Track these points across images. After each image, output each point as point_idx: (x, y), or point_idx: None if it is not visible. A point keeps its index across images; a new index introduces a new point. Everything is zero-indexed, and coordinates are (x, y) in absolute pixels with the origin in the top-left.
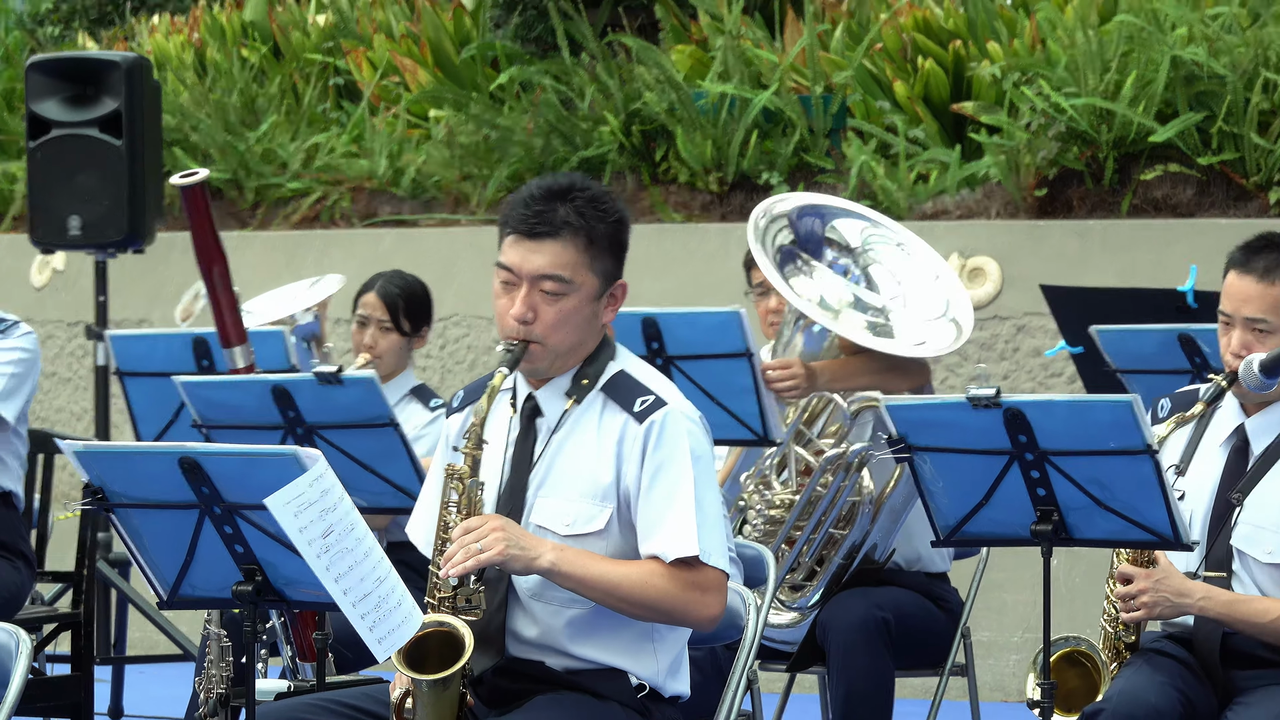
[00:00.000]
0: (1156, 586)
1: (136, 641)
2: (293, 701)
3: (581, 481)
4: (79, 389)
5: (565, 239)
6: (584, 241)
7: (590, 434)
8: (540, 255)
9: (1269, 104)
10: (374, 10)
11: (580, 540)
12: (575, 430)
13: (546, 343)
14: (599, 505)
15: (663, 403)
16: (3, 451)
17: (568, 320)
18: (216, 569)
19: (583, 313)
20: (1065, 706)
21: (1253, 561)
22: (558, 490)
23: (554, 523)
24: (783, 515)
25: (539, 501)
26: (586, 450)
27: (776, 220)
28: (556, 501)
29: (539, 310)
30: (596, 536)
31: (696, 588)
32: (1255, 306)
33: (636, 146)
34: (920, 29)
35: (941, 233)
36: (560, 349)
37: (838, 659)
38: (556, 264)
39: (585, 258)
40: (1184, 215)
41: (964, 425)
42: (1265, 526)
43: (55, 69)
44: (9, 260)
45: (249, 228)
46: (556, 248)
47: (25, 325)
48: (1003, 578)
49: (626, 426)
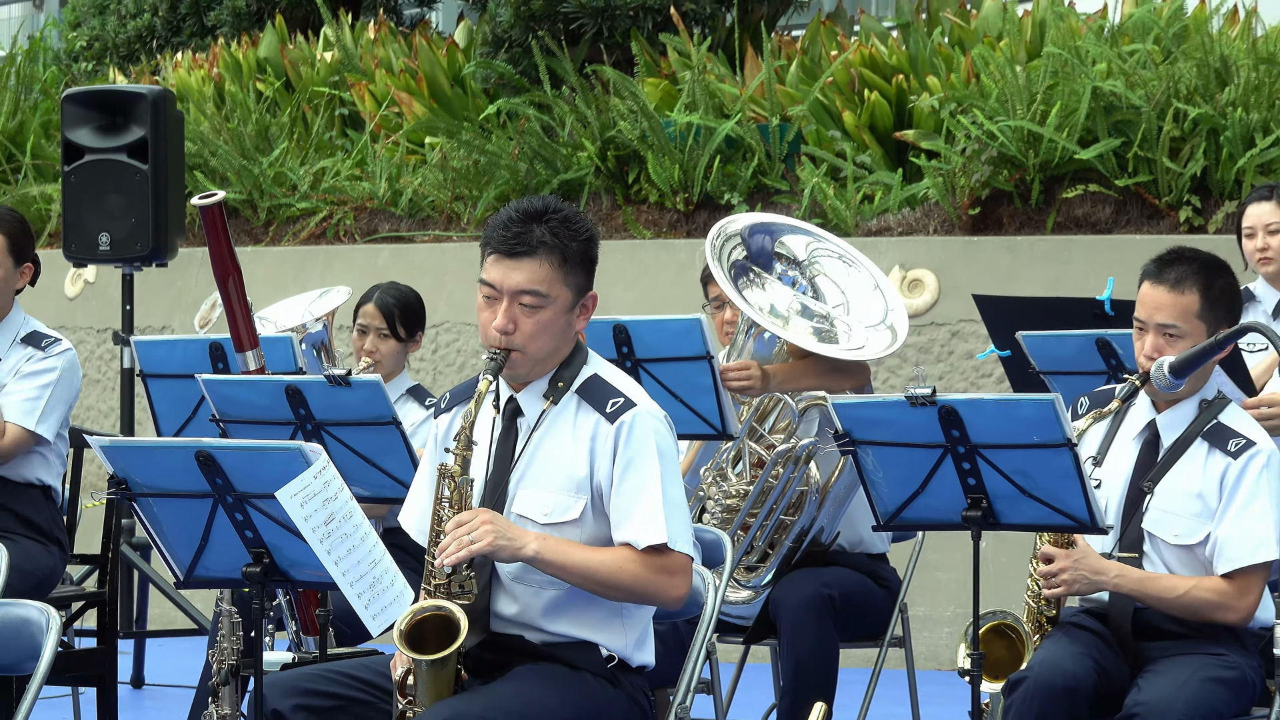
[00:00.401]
0: (1075, 566)
1: (156, 617)
2: (297, 671)
3: (558, 475)
4: (107, 389)
5: (541, 257)
6: (558, 259)
7: (566, 432)
8: (519, 272)
9: (1179, 131)
10: (375, 48)
11: (557, 528)
12: (552, 429)
13: (526, 351)
14: (574, 496)
15: (632, 404)
16: (47, 452)
17: (545, 330)
18: (228, 552)
19: (558, 323)
20: (992, 674)
21: (1162, 543)
22: (537, 483)
23: (533, 512)
24: (738, 503)
25: (520, 493)
26: (563, 447)
27: (730, 238)
28: (535, 493)
29: (519, 322)
30: (572, 525)
31: (664, 571)
32: (1166, 314)
33: (611, 170)
34: (867, 65)
35: (885, 247)
36: (539, 356)
37: (788, 632)
38: (534, 280)
39: (560, 274)
40: (1103, 232)
41: (902, 422)
42: (1173, 511)
43: (88, 101)
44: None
45: (262, 243)
46: (533, 265)
47: (65, 342)
48: (936, 558)
49: (599, 426)
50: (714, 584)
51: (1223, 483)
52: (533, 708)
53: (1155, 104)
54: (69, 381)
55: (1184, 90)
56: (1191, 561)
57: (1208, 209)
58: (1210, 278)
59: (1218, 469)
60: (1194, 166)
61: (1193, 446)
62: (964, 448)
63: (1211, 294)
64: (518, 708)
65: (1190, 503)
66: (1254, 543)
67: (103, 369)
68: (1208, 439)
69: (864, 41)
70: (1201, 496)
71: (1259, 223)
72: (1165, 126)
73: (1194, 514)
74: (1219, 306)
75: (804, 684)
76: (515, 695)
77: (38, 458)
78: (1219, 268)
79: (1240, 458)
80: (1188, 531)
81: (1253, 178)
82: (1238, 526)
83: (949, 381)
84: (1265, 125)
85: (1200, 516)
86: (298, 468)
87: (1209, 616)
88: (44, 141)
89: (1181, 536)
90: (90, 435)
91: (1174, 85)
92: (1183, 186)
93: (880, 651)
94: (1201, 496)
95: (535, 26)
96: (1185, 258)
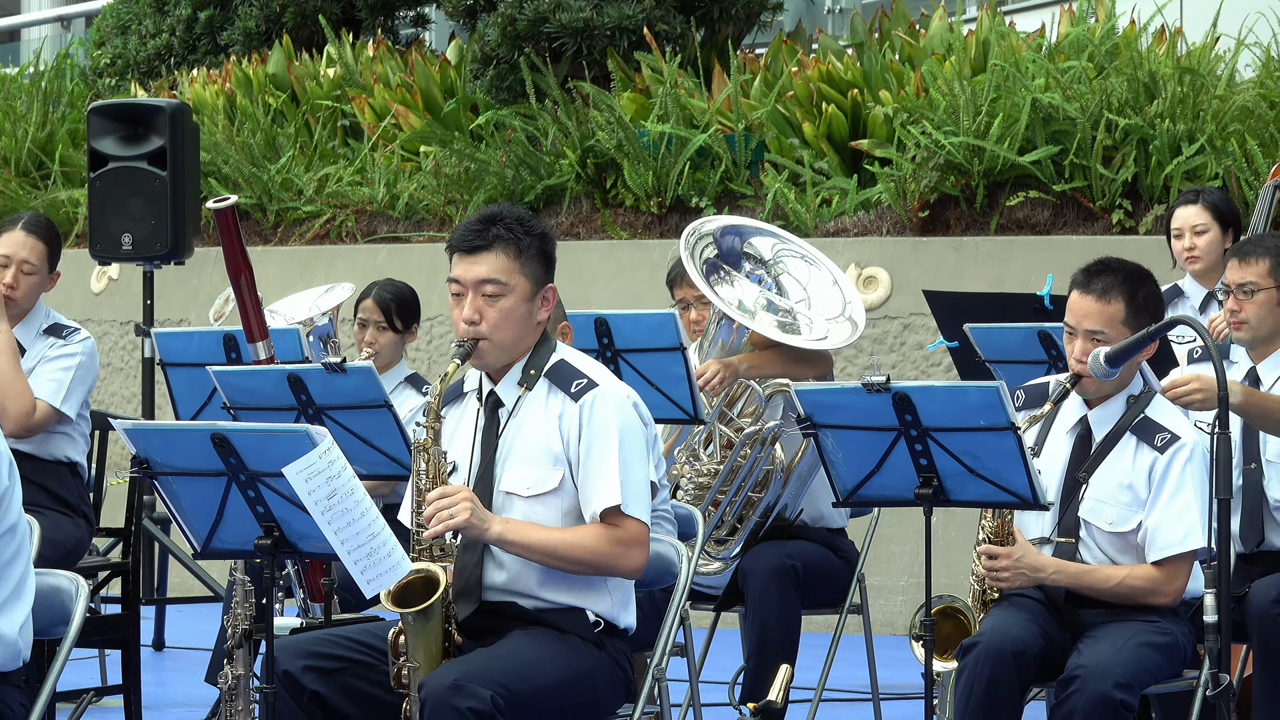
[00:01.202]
0: (1016, 565)
1: (175, 585)
2: (305, 635)
3: (537, 452)
4: (130, 377)
5: (498, 250)
6: (514, 251)
7: (539, 413)
8: (479, 266)
9: (1111, 140)
10: (374, 64)
11: (541, 499)
12: (528, 412)
13: (493, 338)
14: (552, 469)
15: (594, 384)
16: (72, 431)
17: (507, 318)
18: (241, 526)
19: (519, 311)
20: (941, 651)
21: (1096, 530)
22: (519, 462)
23: (518, 487)
24: (709, 481)
25: (505, 473)
26: (538, 426)
27: (704, 238)
28: (518, 471)
29: (484, 312)
30: (553, 494)
31: (620, 544)
32: (1094, 321)
33: (591, 176)
34: (824, 79)
35: (841, 247)
36: (504, 343)
37: (754, 600)
38: (493, 270)
39: (516, 264)
40: (1042, 233)
41: (859, 407)
42: (1106, 501)
43: (111, 113)
44: (73, 271)
45: (270, 243)
46: (491, 257)
47: (84, 331)
48: (891, 532)
49: (565, 405)
50: (687, 556)
51: (1151, 475)
52: (528, 668)
53: (1089, 115)
54: (89, 365)
55: (1115, 103)
56: (1125, 547)
57: (1138, 212)
58: (1134, 287)
59: (1146, 462)
60: (1125, 173)
61: (1122, 440)
62: (916, 431)
63: (1136, 303)
64: (514, 668)
65: (1121, 493)
66: (1182, 532)
67: (125, 358)
68: (1136, 433)
69: (822, 58)
70: (1131, 488)
71: (1186, 224)
72: (1099, 136)
73: (1125, 503)
74: (1143, 314)
75: (769, 648)
76: (511, 657)
77: (64, 437)
78: (1142, 277)
79: (1166, 452)
80: (1120, 519)
81: (1179, 183)
82: (1166, 516)
83: (901, 370)
84: (1190, 135)
85: (1131, 506)
86: (304, 448)
87: (1142, 601)
88: (71, 150)
89: (1115, 524)
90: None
91: (1106, 98)
92: (1115, 191)
93: (840, 618)
94: (1131, 488)
95: (521, 45)
96: (1111, 268)
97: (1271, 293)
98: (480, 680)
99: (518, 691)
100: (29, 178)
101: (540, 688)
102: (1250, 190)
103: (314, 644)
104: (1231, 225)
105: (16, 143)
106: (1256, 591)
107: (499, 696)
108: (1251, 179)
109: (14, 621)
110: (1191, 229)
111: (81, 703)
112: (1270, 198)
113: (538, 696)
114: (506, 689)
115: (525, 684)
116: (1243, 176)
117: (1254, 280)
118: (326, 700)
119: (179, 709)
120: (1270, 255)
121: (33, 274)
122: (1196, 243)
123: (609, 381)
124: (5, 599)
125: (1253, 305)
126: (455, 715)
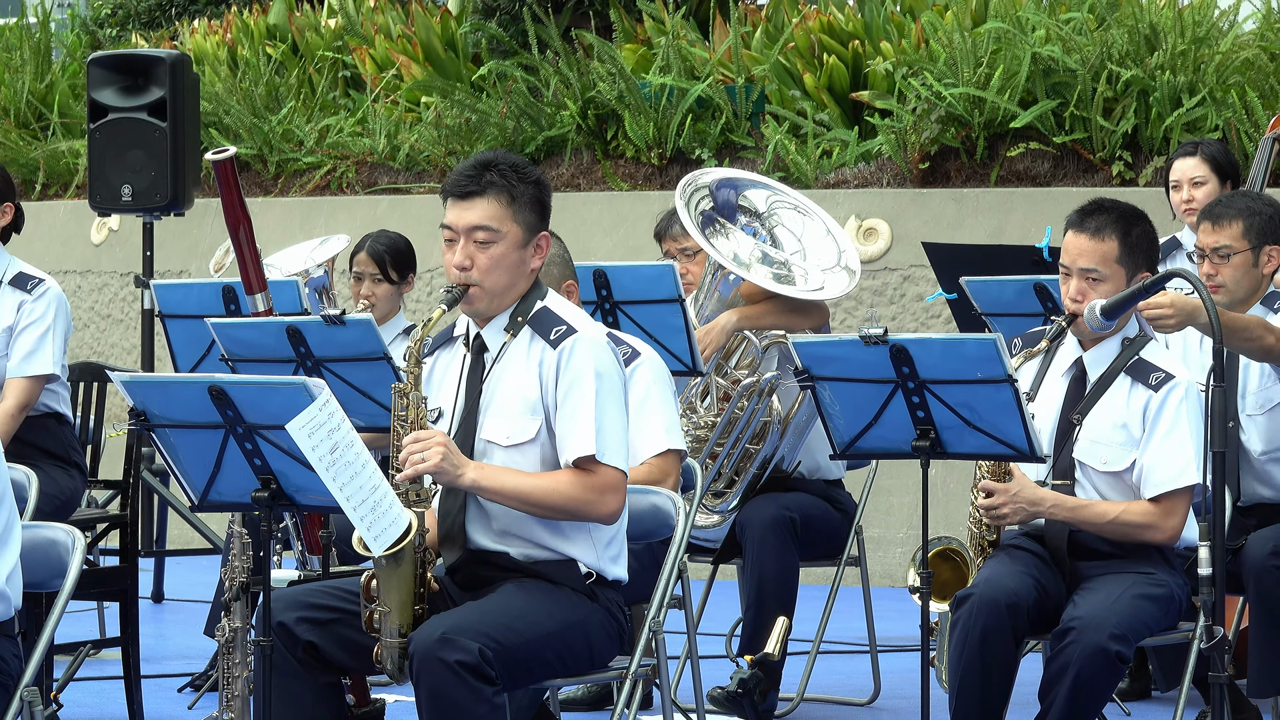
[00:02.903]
0: (1014, 499)
1: (174, 538)
2: (302, 587)
3: (517, 400)
4: (129, 328)
5: (490, 196)
6: (506, 198)
7: (521, 361)
8: (472, 211)
9: (1112, 93)
10: (375, 15)
11: (519, 448)
12: (511, 359)
13: (484, 285)
14: (531, 418)
15: (573, 330)
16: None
17: (499, 264)
18: (239, 478)
19: (510, 258)
20: (939, 595)
21: (1092, 470)
22: (500, 410)
23: (497, 436)
24: (707, 434)
25: (486, 421)
26: (519, 375)
27: (699, 191)
28: (499, 419)
29: (475, 258)
30: (531, 444)
31: (594, 490)
32: (1088, 259)
33: (592, 128)
34: (825, 31)
35: (842, 199)
36: (495, 290)
37: (753, 552)
38: (485, 216)
39: (509, 211)
40: (1042, 185)
41: (857, 359)
42: (1100, 441)
43: (112, 64)
44: (73, 222)
45: (271, 195)
46: (483, 203)
47: (48, 281)
48: (890, 484)
49: (545, 352)
50: (684, 509)
51: (1145, 413)
52: (521, 619)
53: (1090, 67)
54: (61, 316)
55: (1116, 54)
56: (1120, 486)
57: (1138, 164)
58: (1128, 225)
59: (1140, 401)
60: (1125, 124)
61: (1117, 381)
62: (913, 383)
63: (1129, 240)
64: (506, 619)
65: (1116, 433)
66: (1177, 468)
67: (125, 310)
68: (1130, 374)
69: (823, 9)
70: (1126, 427)
71: (1184, 176)
72: (1099, 88)
73: (1119, 443)
74: (1136, 251)
75: (767, 600)
76: (502, 608)
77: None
78: (1136, 216)
79: (1160, 390)
80: (1115, 459)
81: (1179, 135)
82: (1161, 454)
83: (900, 322)
84: (1191, 86)
85: (1125, 445)
86: (302, 401)
87: (1139, 537)
88: (71, 101)
89: (1109, 464)
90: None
91: (1107, 50)
92: (1115, 143)
93: (838, 570)
94: (1126, 427)
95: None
96: (1104, 208)
97: (1246, 255)
98: (469, 633)
99: (507, 644)
100: (29, 129)
101: (530, 639)
102: (1250, 142)
103: (308, 595)
104: (1230, 177)
105: (15, 94)
106: (1253, 544)
107: (487, 649)
108: (1252, 131)
109: (1, 573)
110: (1190, 181)
111: (79, 655)
112: (1269, 150)
113: (528, 648)
114: (495, 641)
115: (515, 636)
116: (1242, 128)
117: (1228, 244)
118: (321, 650)
119: (177, 661)
120: (1242, 217)
121: None
122: (1195, 194)
123: (588, 328)
124: None
125: (1228, 269)
126: (443, 668)
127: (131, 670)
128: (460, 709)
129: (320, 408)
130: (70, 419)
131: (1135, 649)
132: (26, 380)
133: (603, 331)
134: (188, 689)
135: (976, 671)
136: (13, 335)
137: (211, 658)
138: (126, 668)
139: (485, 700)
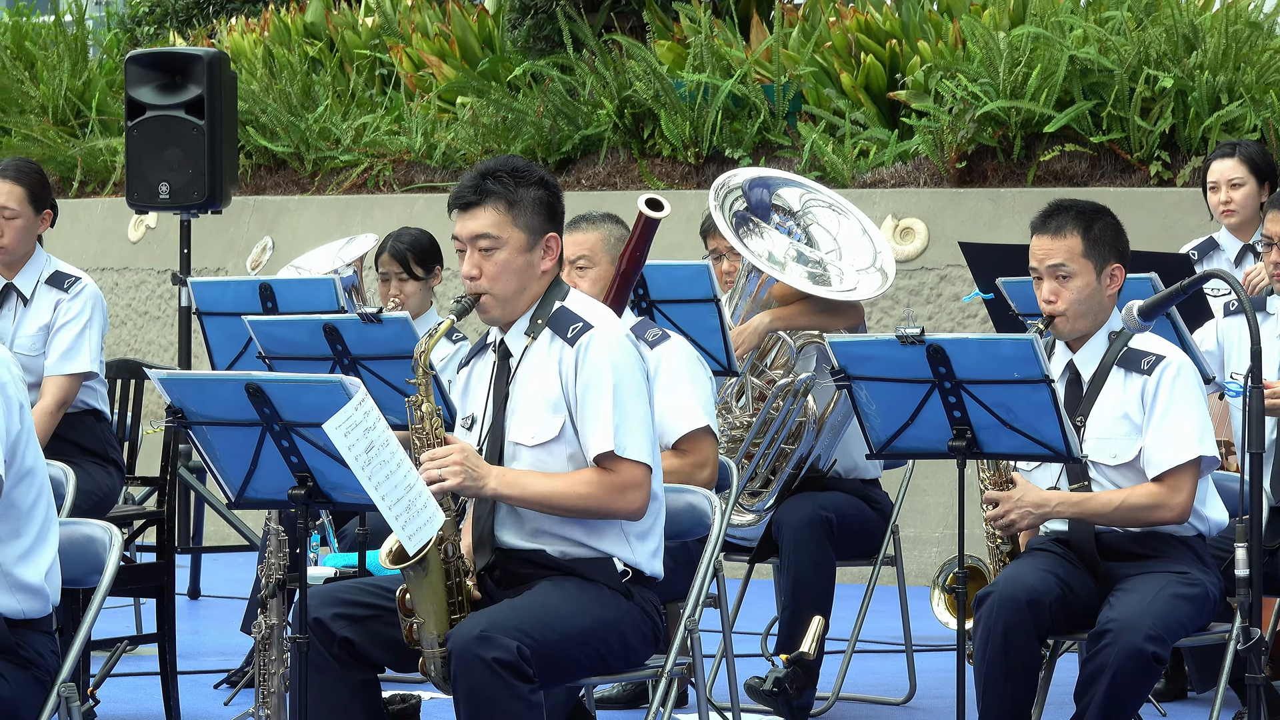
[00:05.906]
0: (1018, 504)
1: (211, 534)
2: (338, 584)
3: (540, 400)
4: (166, 325)
5: (490, 204)
6: (505, 204)
7: (542, 361)
8: (473, 221)
9: (1149, 93)
10: (412, 14)
11: (545, 447)
12: (533, 361)
13: (493, 292)
14: (553, 416)
15: (590, 327)
16: (91, 381)
17: (505, 270)
18: (275, 476)
19: (516, 263)
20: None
21: (1105, 468)
22: (525, 411)
23: (524, 437)
24: (742, 434)
25: (512, 424)
26: (541, 375)
27: (732, 190)
28: (524, 421)
29: (482, 267)
30: (556, 442)
31: (615, 488)
32: (1054, 256)
33: (628, 126)
34: (863, 30)
35: (878, 199)
36: (505, 296)
37: (789, 551)
38: (485, 224)
39: (509, 217)
40: (1079, 185)
41: (893, 359)
42: (1107, 436)
43: (149, 62)
44: (110, 219)
45: (308, 193)
46: (484, 212)
47: (84, 279)
48: (925, 483)
49: (563, 350)
50: (720, 508)
51: (1143, 398)
52: (557, 617)
53: (1127, 68)
54: (98, 314)
55: (1154, 55)
56: (1135, 477)
57: (1176, 164)
58: (1089, 220)
59: (1136, 388)
60: (1163, 125)
61: (1111, 374)
62: (950, 383)
63: (1091, 234)
64: (544, 617)
65: (1119, 425)
66: (1177, 445)
67: (162, 307)
68: (1122, 365)
69: (860, 9)
70: (1127, 417)
71: (1222, 178)
72: (1137, 88)
73: (1124, 434)
74: (1101, 244)
75: (803, 599)
76: (539, 606)
77: (83, 387)
78: (1097, 211)
79: (1154, 372)
80: (1124, 451)
81: (1218, 135)
82: (1160, 433)
83: (937, 322)
84: (1230, 87)
85: (1131, 435)
86: (339, 399)
87: (1148, 519)
88: (109, 99)
89: (1119, 456)
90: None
91: (1144, 51)
92: (1152, 143)
93: (874, 569)
94: (1127, 417)
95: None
96: (1064, 208)
97: None
98: (506, 630)
99: (544, 641)
100: (66, 126)
101: (566, 637)
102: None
103: (344, 592)
104: (1268, 178)
105: (53, 91)
106: None
107: (525, 646)
108: None
109: (39, 569)
110: (1228, 182)
111: (116, 651)
112: None
113: (564, 645)
114: (532, 638)
115: (551, 633)
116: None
117: None
118: (357, 646)
119: (213, 657)
120: None
121: (14, 218)
122: (1232, 196)
123: (605, 323)
124: (29, 546)
125: None
126: (482, 666)
127: (168, 666)
128: (498, 707)
129: (356, 406)
130: (108, 416)
131: (1171, 649)
132: (65, 378)
133: (622, 326)
134: (224, 685)
135: (1001, 668)
136: (50, 333)
137: (248, 654)
138: (163, 664)
139: (522, 698)
